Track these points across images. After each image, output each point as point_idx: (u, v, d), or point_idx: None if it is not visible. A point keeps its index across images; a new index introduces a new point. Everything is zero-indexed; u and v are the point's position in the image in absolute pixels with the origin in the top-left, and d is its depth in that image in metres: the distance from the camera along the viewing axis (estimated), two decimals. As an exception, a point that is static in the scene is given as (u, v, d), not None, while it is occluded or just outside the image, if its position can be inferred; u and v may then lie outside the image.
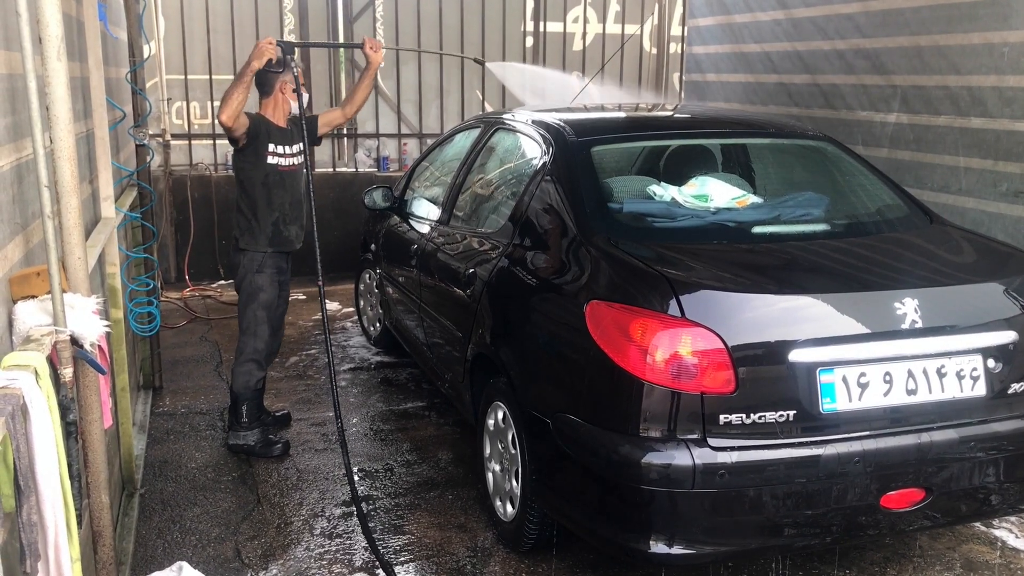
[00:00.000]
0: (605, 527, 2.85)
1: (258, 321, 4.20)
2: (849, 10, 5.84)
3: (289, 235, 4.24)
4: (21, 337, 2.00)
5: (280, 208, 4.17)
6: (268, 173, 4.13)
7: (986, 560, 3.39)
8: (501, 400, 3.44)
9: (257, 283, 4.18)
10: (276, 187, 4.15)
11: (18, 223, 2.14)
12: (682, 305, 2.69)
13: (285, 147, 4.16)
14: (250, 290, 4.20)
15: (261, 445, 4.23)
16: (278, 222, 4.17)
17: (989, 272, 3.19)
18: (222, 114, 3.87)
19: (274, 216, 4.15)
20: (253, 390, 4.25)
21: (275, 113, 4.16)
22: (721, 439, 2.66)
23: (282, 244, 4.22)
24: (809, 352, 2.70)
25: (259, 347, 4.22)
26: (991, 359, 2.88)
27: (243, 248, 4.18)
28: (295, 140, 4.20)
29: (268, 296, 4.21)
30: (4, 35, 2.07)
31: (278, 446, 4.24)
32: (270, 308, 4.23)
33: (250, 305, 4.21)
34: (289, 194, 4.20)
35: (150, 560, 3.29)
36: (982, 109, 4.95)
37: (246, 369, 4.23)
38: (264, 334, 4.22)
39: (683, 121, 4.44)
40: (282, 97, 4.14)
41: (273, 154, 4.12)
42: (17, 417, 1.58)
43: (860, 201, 3.72)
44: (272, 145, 4.11)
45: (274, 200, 4.15)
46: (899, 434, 2.77)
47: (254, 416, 4.26)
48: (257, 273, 4.17)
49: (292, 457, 4.23)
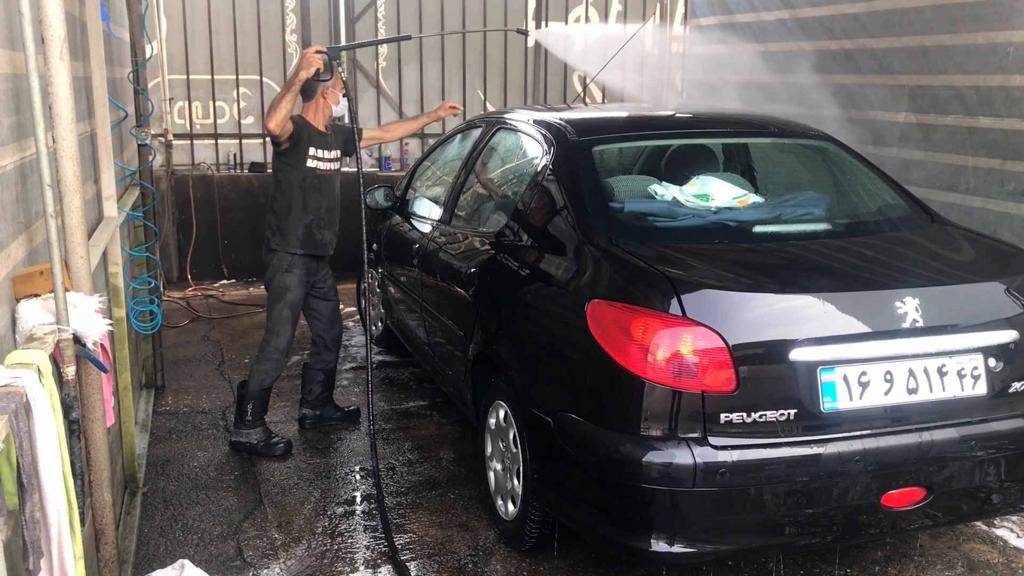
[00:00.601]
0: (606, 526, 2.85)
1: (283, 320, 4.23)
2: (854, 10, 5.85)
3: (323, 239, 4.26)
4: (24, 335, 2.01)
5: (315, 211, 4.20)
6: (306, 176, 4.17)
7: (987, 559, 3.40)
8: (502, 399, 3.45)
9: (285, 283, 4.21)
10: (313, 190, 4.19)
11: (21, 222, 2.14)
12: (683, 304, 2.69)
13: (324, 151, 4.21)
14: (278, 289, 4.23)
15: (263, 444, 4.24)
16: (311, 225, 4.19)
17: (990, 271, 3.19)
18: (269, 122, 3.93)
19: (308, 219, 4.18)
20: (262, 389, 4.28)
21: (316, 117, 4.21)
22: (722, 438, 2.66)
23: (314, 247, 4.24)
24: (810, 351, 2.71)
25: (281, 346, 4.25)
26: (992, 358, 2.88)
27: (274, 248, 4.21)
28: (333, 145, 4.27)
29: (295, 296, 4.23)
30: (8, 35, 2.08)
31: (280, 445, 4.25)
32: (296, 308, 4.26)
33: (276, 304, 4.24)
34: (326, 199, 4.24)
35: (152, 558, 3.30)
36: (989, 109, 4.96)
37: (264, 368, 4.27)
38: (287, 333, 4.26)
39: (684, 121, 4.43)
40: (323, 102, 4.19)
41: (313, 157, 4.17)
42: (20, 415, 1.59)
43: (861, 200, 3.72)
44: (313, 148, 4.16)
45: (309, 203, 4.18)
46: (900, 433, 2.78)
47: (258, 414, 4.28)
48: (286, 273, 4.20)
49: (294, 456, 4.24)
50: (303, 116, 4.18)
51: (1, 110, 2.00)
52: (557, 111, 4.32)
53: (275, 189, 4.21)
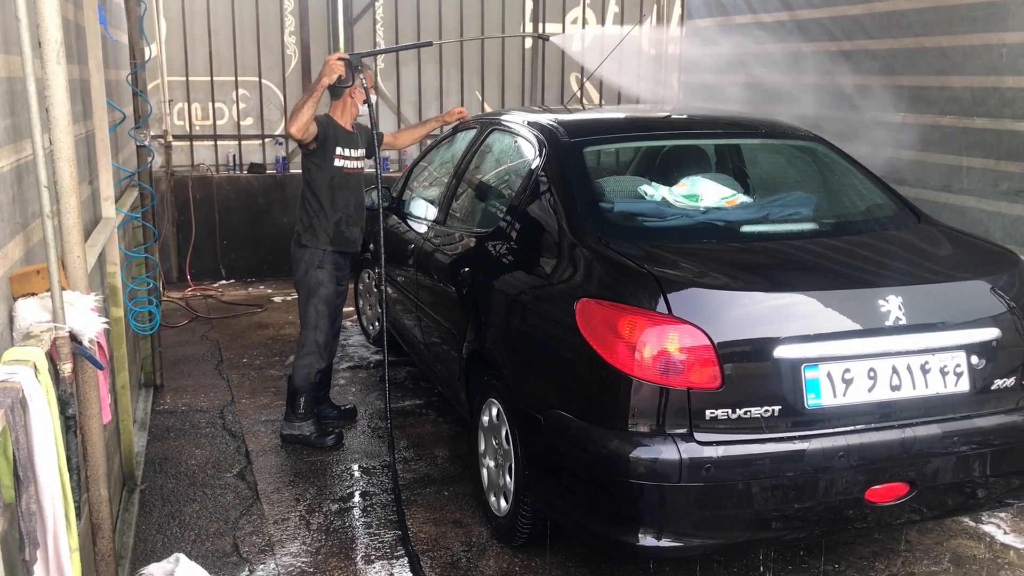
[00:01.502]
0: (595, 521, 2.90)
1: (319, 315, 4.35)
2: (853, 12, 5.89)
3: (351, 236, 4.38)
4: (21, 333, 2.05)
5: (344, 209, 4.31)
6: (334, 176, 4.27)
7: (974, 555, 3.44)
8: (495, 397, 3.49)
9: (318, 278, 4.32)
10: (341, 188, 4.30)
11: (18, 222, 2.19)
12: (669, 303, 2.73)
13: (350, 150, 4.32)
14: (311, 285, 4.33)
15: (316, 435, 4.38)
16: (340, 222, 4.30)
17: (974, 270, 3.23)
18: (291, 127, 4.03)
19: (337, 216, 4.29)
20: (311, 383, 4.40)
21: (342, 116, 4.32)
22: (708, 434, 2.71)
23: (343, 244, 4.35)
24: (794, 348, 2.75)
25: (319, 340, 4.37)
26: (975, 355, 2.92)
27: (305, 244, 4.31)
28: (358, 144, 4.38)
29: (328, 291, 4.35)
30: (4, 39, 2.12)
31: (331, 436, 4.39)
32: (330, 303, 4.38)
33: (311, 300, 4.35)
34: (353, 196, 4.36)
35: (150, 554, 3.35)
36: (984, 109, 4.99)
37: (307, 362, 4.38)
38: (324, 327, 4.37)
39: (675, 122, 4.47)
40: (351, 101, 4.30)
41: (340, 156, 4.28)
42: (16, 410, 1.63)
43: (849, 200, 3.76)
44: (340, 148, 4.27)
45: (338, 201, 4.29)
46: (883, 429, 2.82)
47: (310, 408, 4.43)
48: (318, 269, 4.31)
49: (291, 453, 4.29)
50: (330, 115, 4.29)
51: (-3, 113, 2.05)
52: (551, 112, 4.36)
53: (305, 188, 4.33)
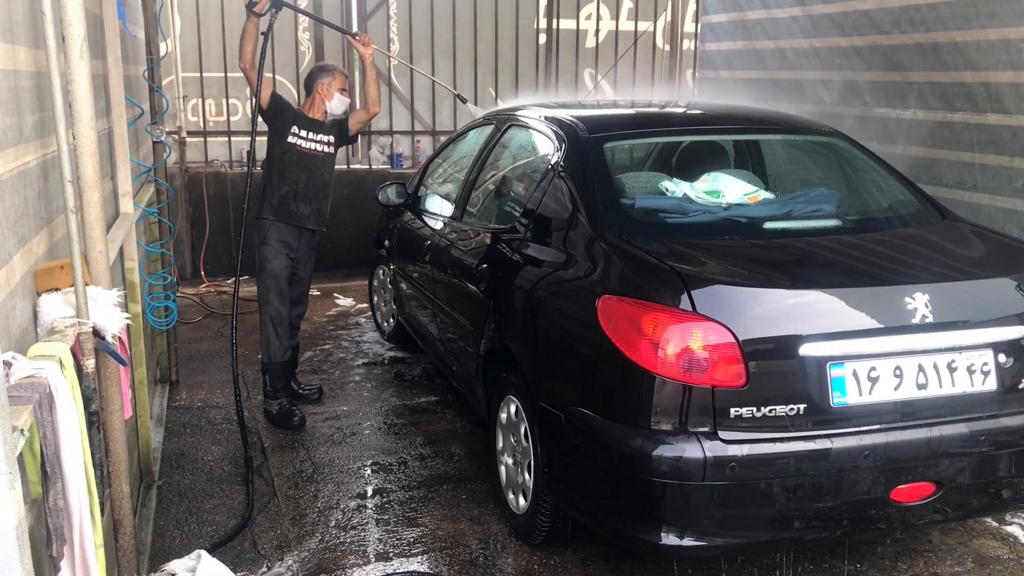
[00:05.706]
0: (616, 520, 2.88)
1: (268, 290, 4.54)
2: (866, 6, 5.84)
3: (298, 211, 4.52)
4: (45, 329, 2.05)
5: (293, 184, 4.49)
6: (286, 151, 4.50)
7: (997, 555, 3.40)
8: (514, 394, 3.47)
9: (263, 254, 4.52)
10: (292, 164, 4.50)
11: (43, 217, 2.18)
12: (693, 300, 2.71)
13: (310, 132, 4.54)
14: (259, 260, 4.56)
15: (280, 416, 4.55)
16: (287, 196, 4.49)
17: (1000, 267, 3.19)
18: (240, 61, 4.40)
19: (284, 189, 4.49)
20: (279, 362, 4.58)
21: (312, 110, 4.59)
22: (732, 432, 2.68)
23: (288, 217, 4.50)
24: (819, 346, 2.72)
25: (272, 314, 4.54)
26: (1002, 354, 2.89)
27: (255, 216, 4.52)
28: (324, 131, 4.58)
29: (274, 266, 4.52)
30: (32, 33, 2.12)
31: (295, 419, 4.54)
32: (278, 278, 4.54)
33: (260, 276, 4.57)
34: (305, 174, 4.52)
35: (168, 550, 3.35)
36: (998, 105, 4.94)
37: (264, 336, 4.58)
38: (275, 303, 4.55)
39: (695, 117, 4.44)
40: (318, 97, 4.58)
41: (295, 135, 4.50)
42: (44, 405, 1.62)
43: (872, 197, 3.73)
44: (296, 128, 4.50)
45: (287, 175, 4.48)
46: (909, 428, 2.79)
47: (277, 387, 4.59)
48: (263, 246, 4.52)
49: (307, 450, 4.28)
50: (298, 107, 4.61)
51: (26, 108, 2.04)
52: (568, 108, 4.33)
53: (264, 161, 4.60)
